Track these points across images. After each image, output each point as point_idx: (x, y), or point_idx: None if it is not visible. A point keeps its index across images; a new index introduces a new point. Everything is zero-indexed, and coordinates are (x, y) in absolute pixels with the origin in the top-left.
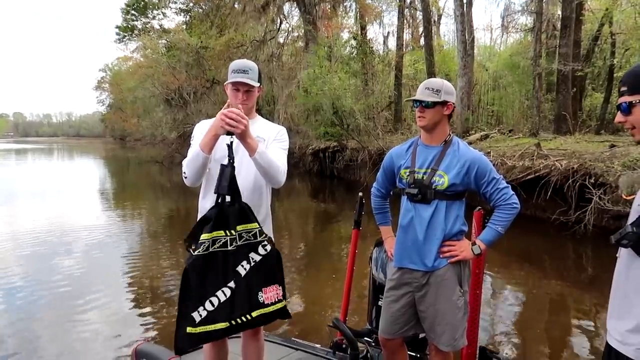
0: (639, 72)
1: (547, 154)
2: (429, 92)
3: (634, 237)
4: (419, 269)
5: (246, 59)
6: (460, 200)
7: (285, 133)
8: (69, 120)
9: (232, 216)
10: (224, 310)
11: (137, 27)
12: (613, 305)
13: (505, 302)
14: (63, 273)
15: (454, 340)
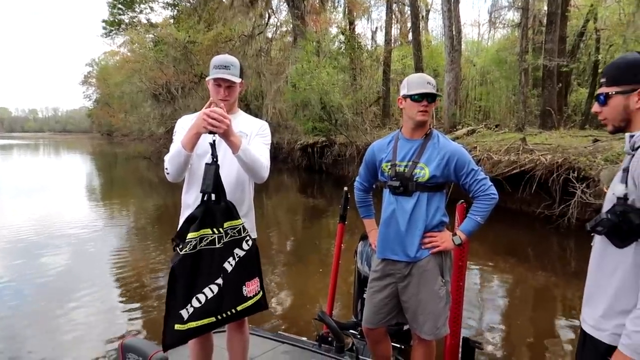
0: (620, 65)
1: (533, 148)
2: (431, 87)
3: (608, 224)
4: (402, 259)
5: (227, 55)
6: (441, 192)
7: (267, 128)
8: (55, 115)
9: (218, 214)
10: (211, 307)
11: (124, 22)
12: (587, 293)
13: (491, 295)
14: (50, 270)
15: (436, 329)
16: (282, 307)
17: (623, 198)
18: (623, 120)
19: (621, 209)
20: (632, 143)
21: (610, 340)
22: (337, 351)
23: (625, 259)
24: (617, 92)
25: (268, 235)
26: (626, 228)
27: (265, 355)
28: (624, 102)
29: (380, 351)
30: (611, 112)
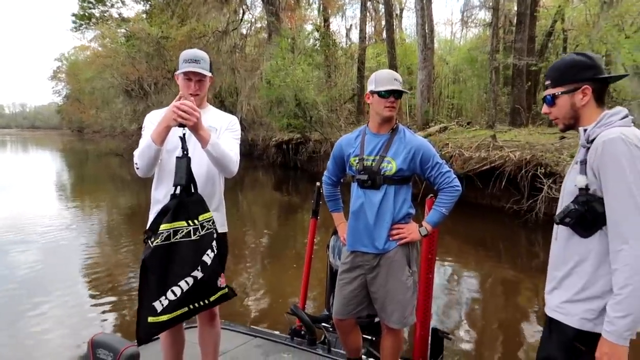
0: (560, 66)
1: (502, 145)
2: (398, 84)
3: (576, 214)
4: (370, 251)
5: (197, 49)
6: (407, 185)
7: (237, 122)
8: (23, 111)
9: (192, 206)
10: (186, 298)
11: (94, 15)
12: (551, 281)
13: (461, 287)
14: (19, 268)
15: (403, 318)
16: (257, 303)
17: (585, 189)
18: (572, 117)
19: (584, 199)
20: (586, 136)
21: (579, 325)
22: (309, 344)
23: (591, 247)
24: (562, 92)
25: (243, 232)
26: (591, 217)
27: (238, 349)
28: (570, 101)
29: (351, 342)
30: (560, 111)
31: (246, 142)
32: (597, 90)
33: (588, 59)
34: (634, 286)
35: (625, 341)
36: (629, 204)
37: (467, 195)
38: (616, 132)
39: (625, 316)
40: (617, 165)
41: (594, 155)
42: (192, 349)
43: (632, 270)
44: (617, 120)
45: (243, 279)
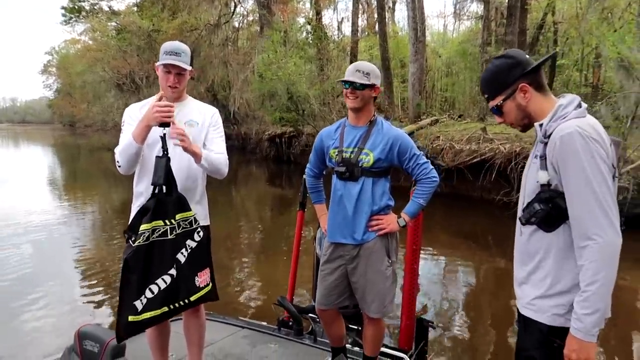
0: (488, 78)
1: (493, 138)
2: (360, 75)
3: (543, 214)
4: (350, 242)
5: (178, 42)
6: (386, 177)
7: (218, 116)
8: (14, 105)
9: (170, 205)
10: (164, 297)
11: (84, 8)
12: (519, 277)
13: (453, 279)
14: (9, 263)
15: (383, 307)
16: (249, 295)
17: (547, 184)
18: (524, 117)
19: (547, 195)
20: (543, 131)
21: (550, 321)
22: (296, 334)
23: (556, 241)
24: (503, 100)
25: (237, 226)
26: (555, 214)
27: (225, 340)
28: (514, 104)
29: (334, 331)
30: (510, 117)
31: (239, 136)
32: (534, 82)
33: (509, 59)
34: (600, 283)
35: (593, 337)
36: (590, 199)
37: (457, 187)
38: (572, 125)
39: (592, 313)
40: (576, 159)
41: (553, 150)
42: (178, 340)
43: (598, 266)
44: (572, 110)
45: (236, 271)
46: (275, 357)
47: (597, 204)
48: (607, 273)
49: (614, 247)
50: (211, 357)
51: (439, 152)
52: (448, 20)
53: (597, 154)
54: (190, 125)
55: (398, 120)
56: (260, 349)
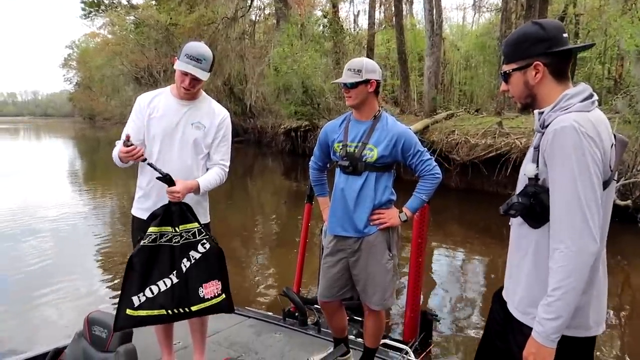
0: (511, 40)
1: (508, 132)
2: (350, 74)
3: (520, 207)
4: (351, 235)
5: (204, 45)
6: (389, 172)
7: (229, 121)
8: (35, 99)
9: (175, 215)
10: (162, 300)
11: (103, 2)
12: (510, 274)
13: (467, 273)
14: (29, 254)
15: (383, 300)
16: (260, 286)
17: (534, 178)
18: (528, 96)
19: (532, 190)
20: (541, 120)
21: None
22: (300, 324)
23: (542, 239)
24: (513, 69)
25: (252, 218)
26: (539, 209)
27: (231, 329)
28: (523, 79)
29: (336, 322)
30: (514, 89)
31: (255, 130)
32: (552, 65)
33: (541, 30)
34: (565, 289)
35: (552, 343)
36: (572, 201)
37: (472, 182)
38: (569, 119)
39: (554, 319)
40: (565, 157)
41: (546, 143)
42: (184, 329)
43: (565, 272)
44: (577, 102)
45: (248, 263)
46: (279, 346)
47: (577, 206)
48: (575, 280)
49: (586, 255)
50: (217, 345)
51: (454, 147)
52: (467, 13)
53: (589, 153)
54: (197, 127)
55: (413, 114)
56: (265, 339)
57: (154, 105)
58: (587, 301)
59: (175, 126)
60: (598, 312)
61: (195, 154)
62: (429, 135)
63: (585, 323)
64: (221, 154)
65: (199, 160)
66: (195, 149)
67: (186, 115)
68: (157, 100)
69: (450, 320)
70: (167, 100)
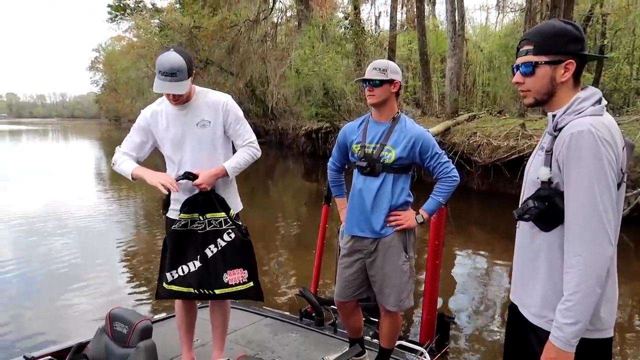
0: (548, 32)
1: (531, 134)
2: (376, 72)
3: (536, 212)
4: (368, 236)
5: (174, 53)
6: (407, 174)
7: (231, 103)
8: (63, 101)
9: (201, 204)
10: (190, 279)
11: (129, 6)
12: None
13: (488, 277)
14: (57, 252)
15: (400, 302)
16: (280, 286)
17: (547, 182)
18: (547, 93)
19: (546, 194)
20: (554, 123)
21: (548, 327)
22: (317, 324)
23: (554, 242)
24: (545, 61)
25: (273, 219)
26: (551, 212)
27: (248, 328)
28: (551, 74)
29: (352, 323)
30: (537, 83)
31: (277, 131)
32: (578, 67)
33: (576, 30)
34: (583, 293)
35: (572, 348)
36: (589, 206)
37: (494, 184)
38: (586, 123)
39: (573, 323)
40: (582, 161)
41: (560, 147)
42: (204, 327)
43: (583, 276)
44: (589, 106)
45: (269, 263)
46: (295, 345)
47: (594, 211)
48: (593, 284)
49: (604, 259)
50: (234, 343)
51: (476, 149)
52: (491, 13)
53: (607, 158)
54: (202, 126)
55: (435, 115)
56: (282, 338)
57: (156, 118)
58: (600, 302)
59: (182, 133)
60: (611, 314)
61: (212, 150)
62: (450, 137)
63: (600, 324)
64: (242, 136)
65: (218, 154)
66: (209, 146)
67: (188, 118)
68: (158, 112)
69: (468, 324)
70: (167, 110)
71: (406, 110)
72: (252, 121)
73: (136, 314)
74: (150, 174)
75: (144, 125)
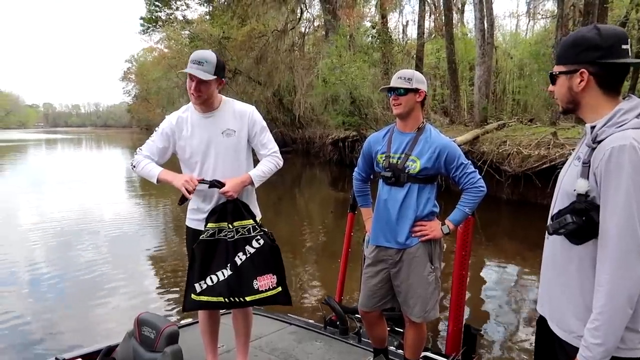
0: (565, 42)
1: (563, 142)
2: (401, 81)
3: (574, 227)
4: (393, 246)
5: (206, 51)
6: (432, 184)
7: (256, 114)
8: (97, 110)
9: (229, 213)
10: (220, 288)
11: (160, 18)
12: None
13: (517, 290)
14: (88, 256)
15: (425, 312)
16: (305, 294)
17: (584, 194)
18: (570, 102)
19: (582, 207)
20: (593, 135)
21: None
22: (341, 333)
23: (586, 256)
24: (560, 72)
25: (300, 227)
26: (587, 227)
27: (273, 335)
28: (567, 84)
29: (376, 333)
30: (559, 92)
31: (303, 140)
32: (600, 76)
33: (597, 36)
34: (611, 313)
35: None
36: (625, 224)
37: (525, 194)
38: (628, 137)
39: (602, 344)
40: (621, 177)
41: (599, 160)
42: (229, 333)
43: (612, 296)
44: (632, 118)
45: (295, 271)
46: (319, 353)
47: (630, 230)
48: (622, 304)
49: (635, 279)
50: (259, 350)
51: (505, 158)
52: (521, 20)
53: None
54: (227, 135)
55: (463, 124)
56: (306, 346)
57: (181, 125)
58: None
59: (208, 141)
60: None
61: (235, 159)
62: (479, 146)
63: (632, 343)
64: (266, 145)
65: (241, 163)
66: (234, 154)
67: (214, 126)
68: (183, 119)
69: (496, 337)
70: (192, 118)
71: (434, 119)
72: (279, 130)
73: (163, 319)
74: (177, 178)
75: (168, 131)
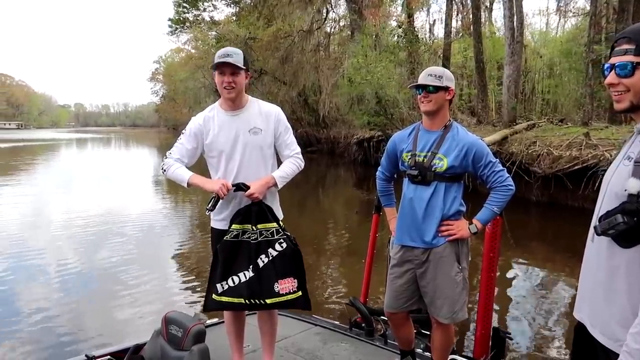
0: None
1: (596, 143)
2: (432, 78)
3: (624, 228)
4: (419, 246)
5: (230, 47)
6: (459, 183)
7: (282, 115)
8: (126, 110)
9: (253, 215)
10: (242, 289)
11: (188, 20)
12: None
13: (547, 294)
14: (115, 255)
15: (452, 313)
16: (329, 295)
17: (636, 195)
18: None
19: (634, 208)
20: None
21: None
22: (367, 335)
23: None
24: None
25: (324, 227)
26: (637, 227)
27: (298, 336)
28: None
29: (403, 334)
30: (637, 85)
31: (328, 140)
32: None
33: None
34: None
35: None
36: None
37: (555, 196)
38: None
39: None
40: None
41: None
42: (254, 333)
43: None
44: None
45: (319, 271)
46: (345, 355)
47: None
48: None
49: None
50: (284, 350)
51: (535, 158)
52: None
53: None
54: (254, 133)
55: (491, 124)
56: (331, 347)
57: (208, 124)
58: None
59: (235, 138)
60: None
61: (261, 157)
62: (507, 147)
63: None
64: (289, 146)
65: (266, 162)
66: (260, 153)
67: (241, 124)
68: (210, 118)
69: (526, 341)
70: (219, 116)
71: (460, 119)
72: (304, 130)
73: (191, 318)
74: (208, 182)
75: (195, 131)
